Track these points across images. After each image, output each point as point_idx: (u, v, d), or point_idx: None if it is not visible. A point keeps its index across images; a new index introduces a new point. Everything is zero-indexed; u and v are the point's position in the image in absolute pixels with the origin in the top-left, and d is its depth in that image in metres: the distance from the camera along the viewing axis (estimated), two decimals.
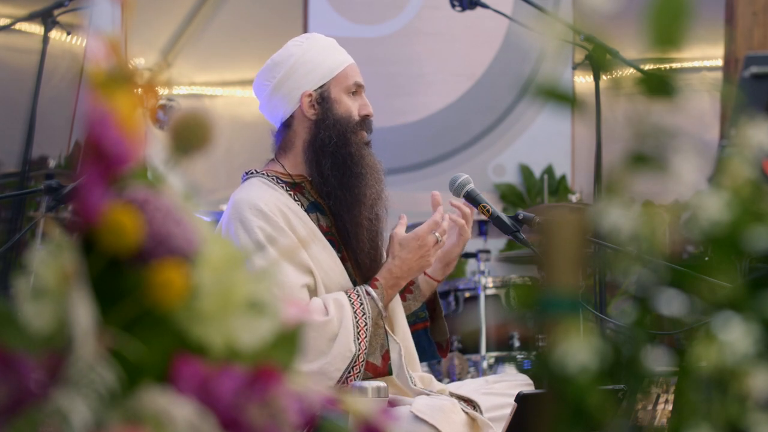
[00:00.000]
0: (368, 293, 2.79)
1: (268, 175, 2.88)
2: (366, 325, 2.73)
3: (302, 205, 2.85)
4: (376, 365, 2.78)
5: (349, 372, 2.67)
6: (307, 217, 2.83)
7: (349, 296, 2.75)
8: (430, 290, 3.04)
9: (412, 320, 3.01)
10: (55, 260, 0.98)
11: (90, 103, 1.00)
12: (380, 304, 2.79)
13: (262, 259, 2.66)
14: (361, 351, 2.70)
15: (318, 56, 2.89)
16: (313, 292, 2.75)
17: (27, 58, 5.10)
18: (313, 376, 2.64)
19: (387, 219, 2.94)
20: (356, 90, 2.89)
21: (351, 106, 2.88)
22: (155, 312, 0.98)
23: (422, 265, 2.87)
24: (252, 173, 2.91)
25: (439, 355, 3.10)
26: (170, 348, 0.98)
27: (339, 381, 2.66)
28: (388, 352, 2.82)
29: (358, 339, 2.70)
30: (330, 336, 2.67)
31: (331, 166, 2.84)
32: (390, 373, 2.81)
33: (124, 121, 1.00)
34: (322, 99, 2.87)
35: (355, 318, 2.72)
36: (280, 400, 0.98)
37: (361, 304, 2.76)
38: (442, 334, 3.07)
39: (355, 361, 2.68)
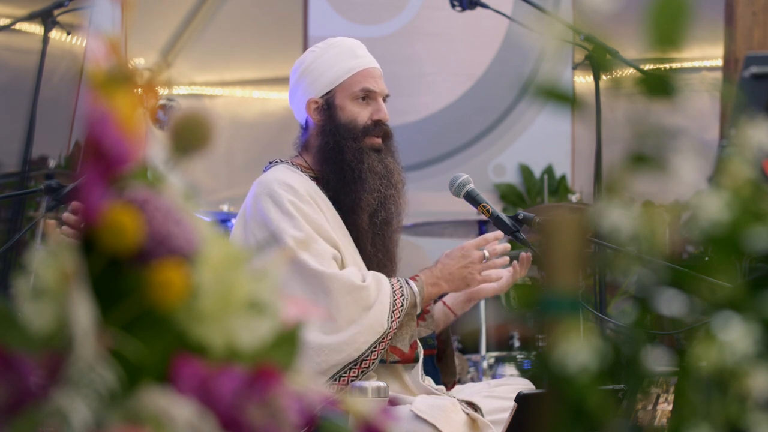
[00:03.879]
0: (408, 282, 2.83)
1: (292, 164, 2.92)
2: (402, 306, 2.76)
3: (325, 195, 2.87)
4: (404, 351, 2.82)
5: (375, 347, 2.69)
6: (331, 204, 2.85)
7: (389, 279, 2.78)
8: (445, 322, 3.05)
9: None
10: (55, 260, 0.98)
11: (90, 103, 1.00)
12: (417, 293, 2.81)
13: (295, 230, 2.68)
14: (391, 330, 2.72)
15: (327, 63, 2.91)
16: (341, 266, 2.77)
17: (27, 58, 5.10)
18: (341, 345, 2.65)
19: (401, 223, 2.95)
20: (366, 95, 2.90)
21: (356, 113, 2.88)
22: (155, 312, 0.98)
23: (464, 275, 2.86)
24: (276, 162, 2.94)
25: (444, 386, 3.12)
26: (170, 348, 0.98)
27: (364, 354, 2.67)
28: (417, 342, 2.86)
29: (392, 318, 2.72)
30: (364, 305, 2.69)
31: (330, 171, 2.86)
32: (416, 360, 2.84)
33: (124, 121, 1.00)
34: (328, 106, 2.90)
35: (393, 297, 2.74)
36: (280, 400, 0.98)
37: (401, 287, 2.79)
38: (450, 375, 3.09)
39: (383, 339, 2.70)
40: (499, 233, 2.90)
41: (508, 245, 2.92)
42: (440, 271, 2.86)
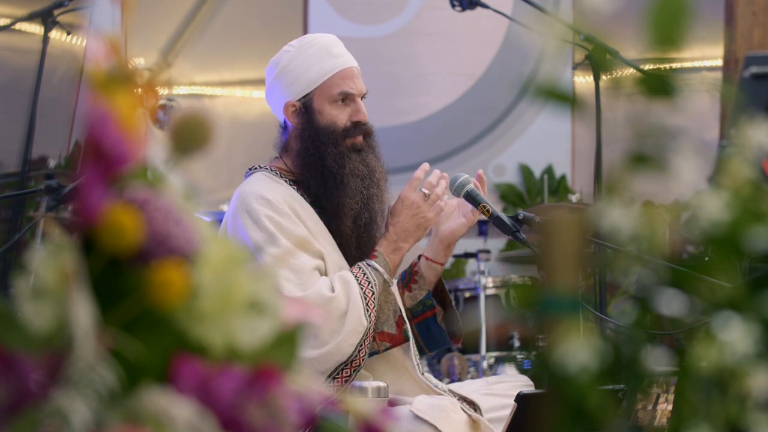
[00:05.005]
0: (369, 264, 2.80)
1: (271, 170, 2.89)
2: (373, 294, 2.75)
3: (306, 200, 2.84)
4: (392, 333, 2.82)
5: (361, 345, 2.69)
6: (313, 210, 2.82)
7: (352, 272, 2.77)
8: (434, 275, 3.01)
9: (420, 309, 3.00)
10: (55, 260, 0.98)
11: (90, 103, 1.00)
12: (383, 271, 2.80)
13: (272, 246, 2.68)
14: (371, 323, 2.72)
15: (303, 64, 2.85)
16: (323, 275, 2.76)
17: (27, 58, 5.09)
18: (328, 356, 2.66)
19: (385, 219, 2.93)
20: (344, 98, 2.86)
21: (334, 116, 2.84)
22: (155, 312, 0.98)
23: (417, 222, 2.86)
24: (255, 169, 2.91)
25: (453, 342, 3.09)
26: (170, 348, 0.98)
27: (352, 355, 2.68)
28: (401, 316, 2.85)
29: (368, 311, 2.72)
30: (339, 313, 2.69)
31: (311, 177, 2.83)
32: (407, 339, 2.83)
33: (124, 121, 1.00)
34: (306, 109, 2.85)
35: (362, 290, 2.73)
36: (280, 400, 0.98)
37: (365, 274, 2.77)
38: (455, 323, 3.05)
39: (367, 335, 2.70)
40: (425, 166, 2.89)
41: (437, 171, 2.91)
42: (394, 233, 2.85)
